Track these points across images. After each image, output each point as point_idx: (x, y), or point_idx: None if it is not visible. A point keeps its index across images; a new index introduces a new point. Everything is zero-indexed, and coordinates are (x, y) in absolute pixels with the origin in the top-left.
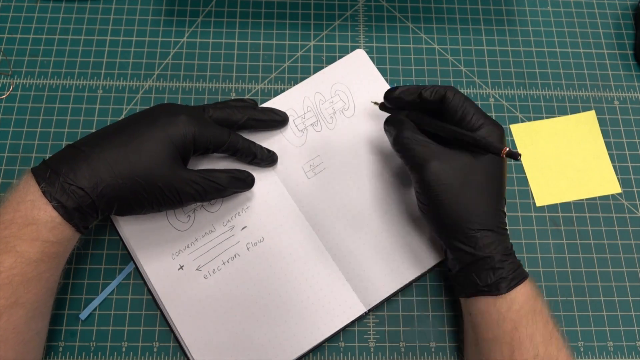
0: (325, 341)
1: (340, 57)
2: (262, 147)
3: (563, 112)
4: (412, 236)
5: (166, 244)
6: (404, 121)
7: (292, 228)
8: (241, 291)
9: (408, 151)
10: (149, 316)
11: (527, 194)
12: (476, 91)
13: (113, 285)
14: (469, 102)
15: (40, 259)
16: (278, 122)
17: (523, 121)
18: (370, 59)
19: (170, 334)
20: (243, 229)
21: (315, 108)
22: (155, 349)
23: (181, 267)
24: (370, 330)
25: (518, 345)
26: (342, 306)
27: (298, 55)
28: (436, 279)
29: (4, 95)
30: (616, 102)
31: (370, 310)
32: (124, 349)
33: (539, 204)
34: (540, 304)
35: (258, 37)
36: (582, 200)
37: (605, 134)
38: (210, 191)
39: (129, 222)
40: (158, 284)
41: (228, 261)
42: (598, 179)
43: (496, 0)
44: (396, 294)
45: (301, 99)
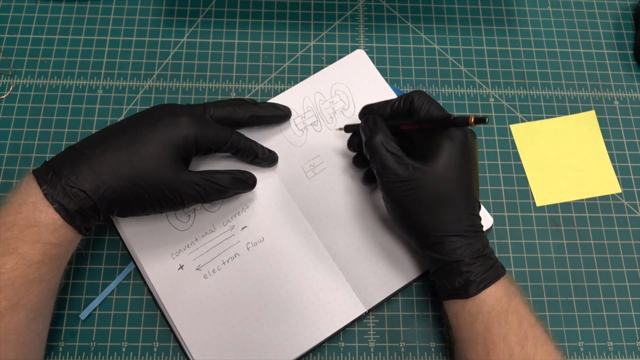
0: (325, 341)
1: (340, 57)
2: (263, 147)
3: (563, 112)
4: None
5: (166, 243)
6: (377, 125)
7: (292, 228)
8: (241, 291)
9: (375, 156)
10: (149, 316)
11: (527, 194)
12: (476, 91)
13: (113, 285)
14: (433, 101)
15: (41, 261)
16: (280, 117)
17: (523, 121)
18: (370, 59)
19: (170, 334)
20: (243, 228)
21: (315, 108)
22: (155, 349)
23: (181, 267)
24: (370, 330)
25: (492, 346)
26: (342, 306)
27: (298, 55)
28: None
29: (4, 95)
30: (616, 102)
31: (370, 310)
32: (124, 349)
33: (539, 204)
34: (516, 303)
35: (258, 37)
36: (582, 200)
37: (605, 134)
38: (212, 192)
39: (129, 222)
40: (158, 283)
41: (228, 261)
42: (598, 179)
43: (496, 0)
44: (396, 294)
45: (301, 99)
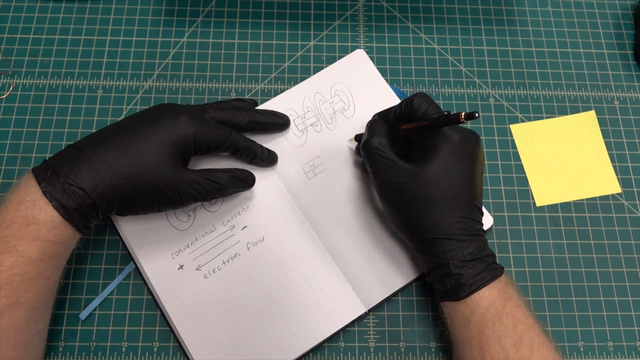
0: (325, 341)
1: (340, 57)
2: (262, 147)
3: (563, 112)
4: None
5: (166, 243)
6: (376, 128)
7: (292, 228)
8: (241, 291)
9: (368, 158)
10: (149, 316)
11: (527, 194)
12: (476, 91)
13: (113, 285)
14: (432, 103)
15: (40, 259)
16: (280, 124)
17: (523, 121)
18: (370, 59)
19: (170, 334)
20: (243, 228)
21: (315, 108)
22: (155, 349)
23: (181, 266)
24: (370, 330)
25: (487, 348)
26: (342, 306)
27: (298, 55)
28: None
29: (4, 95)
30: (616, 102)
31: (370, 310)
32: (124, 349)
33: (539, 204)
34: (511, 305)
35: (258, 37)
36: (582, 200)
37: (605, 134)
38: (211, 191)
39: (128, 222)
40: (158, 283)
41: (228, 261)
42: (598, 179)
43: (496, 0)
44: (396, 294)
45: (301, 99)
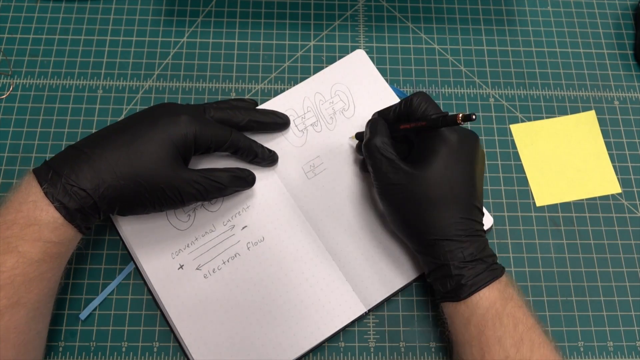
0: (325, 341)
1: (340, 57)
2: (263, 147)
3: (563, 112)
4: None
5: (166, 243)
6: (377, 128)
7: (292, 228)
8: (241, 291)
9: (370, 158)
10: (149, 316)
11: (527, 194)
12: (476, 91)
13: (113, 285)
14: (431, 102)
15: (42, 260)
16: (280, 124)
17: (523, 121)
18: (370, 59)
19: (170, 334)
20: (243, 228)
21: (315, 108)
22: (155, 349)
23: (181, 266)
24: (370, 330)
25: (487, 348)
26: (342, 306)
27: (298, 55)
28: None
29: (4, 95)
30: (616, 102)
31: (370, 310)
32: (124, 349)
33: (539, 204)
34: (512, 306)
35: (258, 37)
36: (582, 200)
37: (605, 134)
38: (212, 190)
39: (128, 222)
40: (158, 283)
41: (228, 261)
42: (598, 179)
43: (496, 0)
44: (396, 294)
45: (301, 99)
